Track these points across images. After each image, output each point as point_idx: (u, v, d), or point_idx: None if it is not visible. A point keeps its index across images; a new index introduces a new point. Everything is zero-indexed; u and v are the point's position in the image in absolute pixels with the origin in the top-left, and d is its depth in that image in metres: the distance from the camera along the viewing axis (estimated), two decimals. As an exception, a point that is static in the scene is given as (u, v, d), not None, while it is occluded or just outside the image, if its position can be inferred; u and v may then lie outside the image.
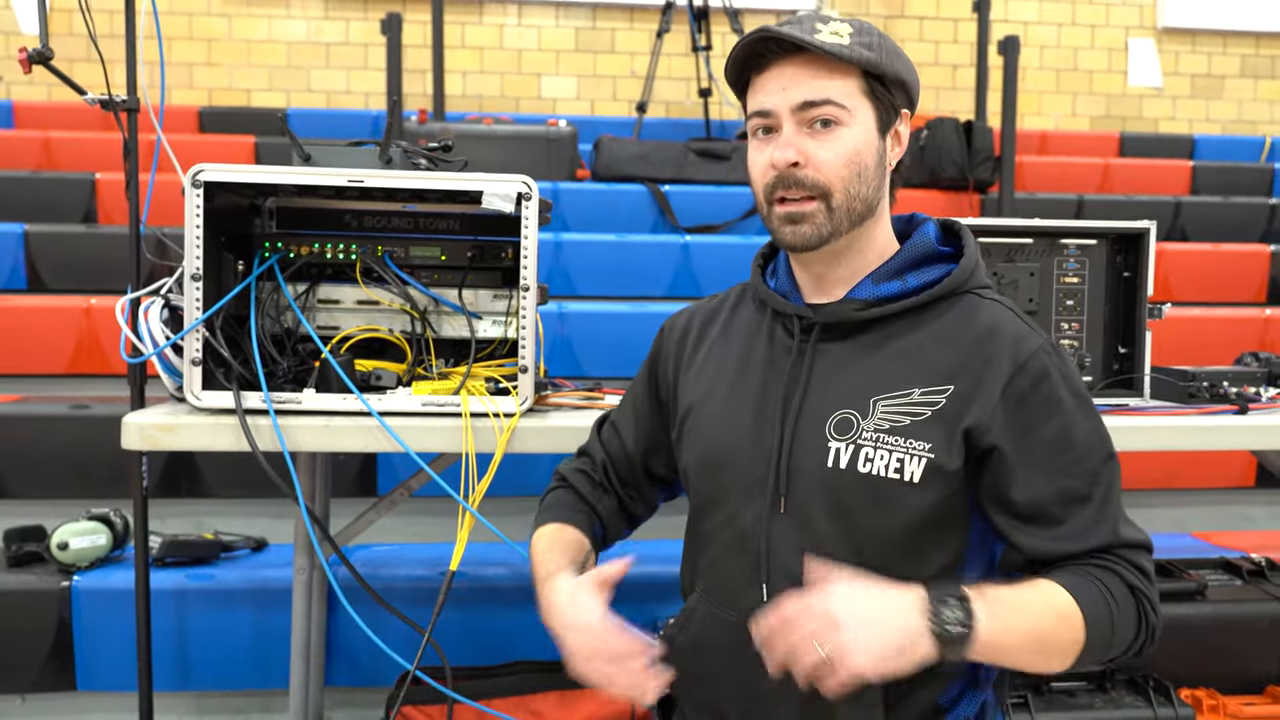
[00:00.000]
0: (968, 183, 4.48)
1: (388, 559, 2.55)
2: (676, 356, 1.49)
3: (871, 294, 1.32)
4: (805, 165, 1.27)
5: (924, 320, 1.31)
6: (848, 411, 1.28)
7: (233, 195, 1.90)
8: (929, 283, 1.32)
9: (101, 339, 3.33)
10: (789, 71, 1.28)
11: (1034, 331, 1.30)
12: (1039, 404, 1.25)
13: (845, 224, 1.30)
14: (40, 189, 4.21)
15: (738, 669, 1.33)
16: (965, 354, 1.27)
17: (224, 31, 5.85)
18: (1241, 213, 4.83)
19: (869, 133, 1.30)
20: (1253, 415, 2.01)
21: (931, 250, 1.35)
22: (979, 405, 1.25)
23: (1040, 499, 1.24)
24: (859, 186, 1.29)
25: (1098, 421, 1.29)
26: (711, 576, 1.38)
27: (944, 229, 1.41)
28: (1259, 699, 2.21)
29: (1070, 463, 1.25)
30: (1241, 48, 6.48)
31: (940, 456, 1.24)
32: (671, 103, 5.96)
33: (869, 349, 1.31)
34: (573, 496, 1.53)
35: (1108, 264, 2.09)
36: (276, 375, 1.87)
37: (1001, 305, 1.33)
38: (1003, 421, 1.24)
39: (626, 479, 1.54)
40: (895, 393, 1.27)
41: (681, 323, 1.53)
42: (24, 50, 1.92)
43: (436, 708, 2.13)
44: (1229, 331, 3.65)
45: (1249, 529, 3.33)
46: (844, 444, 1.27)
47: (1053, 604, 1.19)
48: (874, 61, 1.28)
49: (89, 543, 2.38)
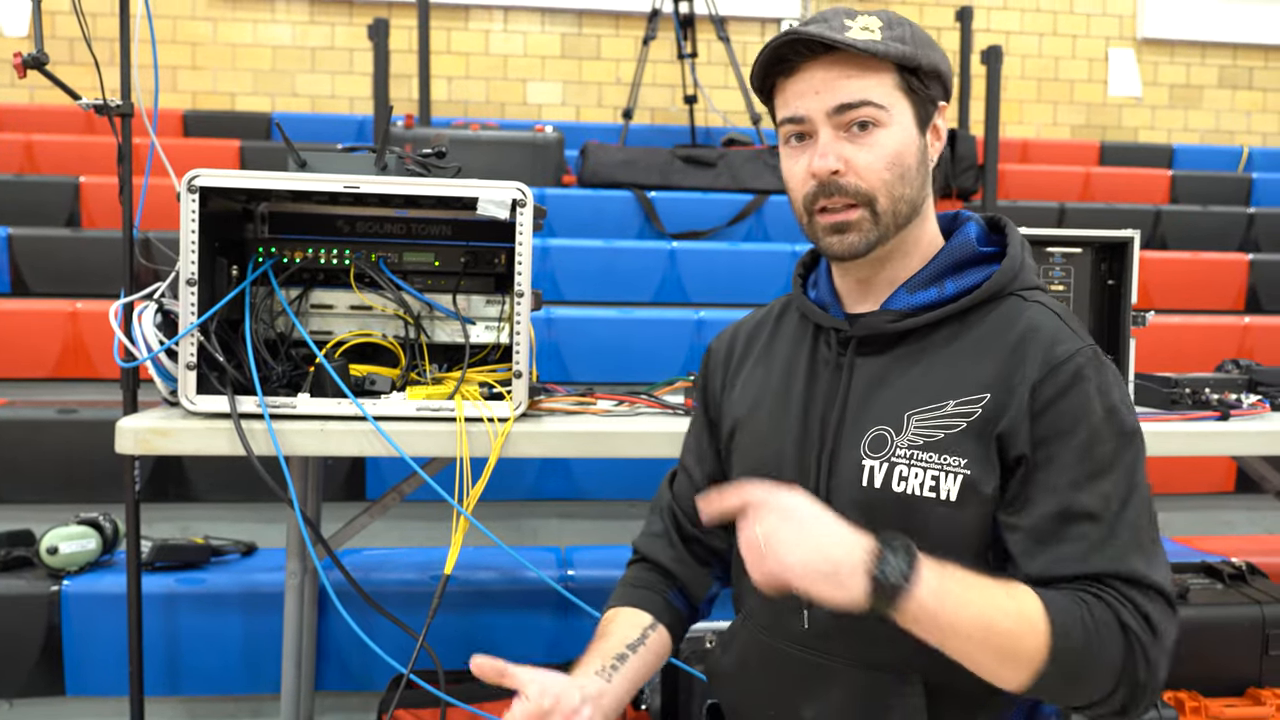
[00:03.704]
0: (951, 190, 4.53)
1: (379, 563, 2.55)
2: (722, 375, 1.43)
3: (906, 304, 1.25)
4: (846, 172, 1.20)
5: (964, 328, 1.23)
6: (882, 428, 1.21)
7: (226, 200, 1.91)
8: (968, 288, 1.25)
9: (88, 343, 3.32)
10: (820, 73, 1.20)
11: (1075, 335, 1.21)
12: (1065, 411, 1.16)
13: (892, 228, 1.23)
14: (23, 192, 4.20)
15: (774, 690, 1.30)
16: (1002, 359, 1.19)
17: (208, 35, 5.84)
18: (1220, 221, 4.90)
19: (909, 131, 1.22)
20: (1234, 421, 2.04)
21: (971, 253, 1.27)
22: (1011, 411, 1.17)
23: (1047, 514, 1.14)
24: (902, 189, 1.22)
25: (1130, 444, 1.18)
26: (754, 600, 1.33)
27: (989, 225, 1.33)
28: (1239, 701, 2.24)
29: (1085, 477, 1.14)
30: (1219, 58, 6.57)
31: (976, 472, 1.17)
32: (657, 109, 5.99)
33: (906, 361, 1.24)
34: (639, 571, 1.43)
35: (1092, 272, 2.12)
36: (270, 380, 1.87)
37: (1045, 307, 1.24)
38: (1028, 428, 1.16)
39: (698, 519, 1.38)
40: (929, 406, 1.20)
41: (725, 341, 1.46)
42: (19, 55, 1.92)
43: (429, 711, 2.13)
44: (1208, 339, 3.70)
45: (1229, 534, 3.38)
46: (878, 462, 1.20)
47: (1017, 602, 1.09)
48: (910, 55, 1.20)
49: (78, 547, 2.38)
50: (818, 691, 1.26)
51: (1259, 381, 2.24)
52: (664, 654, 1.37)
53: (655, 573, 1.42)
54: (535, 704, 1.12)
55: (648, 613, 1.37)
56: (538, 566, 2.04)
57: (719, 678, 1.40)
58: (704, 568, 1.43)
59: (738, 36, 5.55)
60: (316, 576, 2.27)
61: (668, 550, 1.43)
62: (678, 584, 1.42)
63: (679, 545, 1.43)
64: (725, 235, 4.28)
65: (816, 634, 1.26)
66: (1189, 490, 3.41)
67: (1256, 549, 3.00)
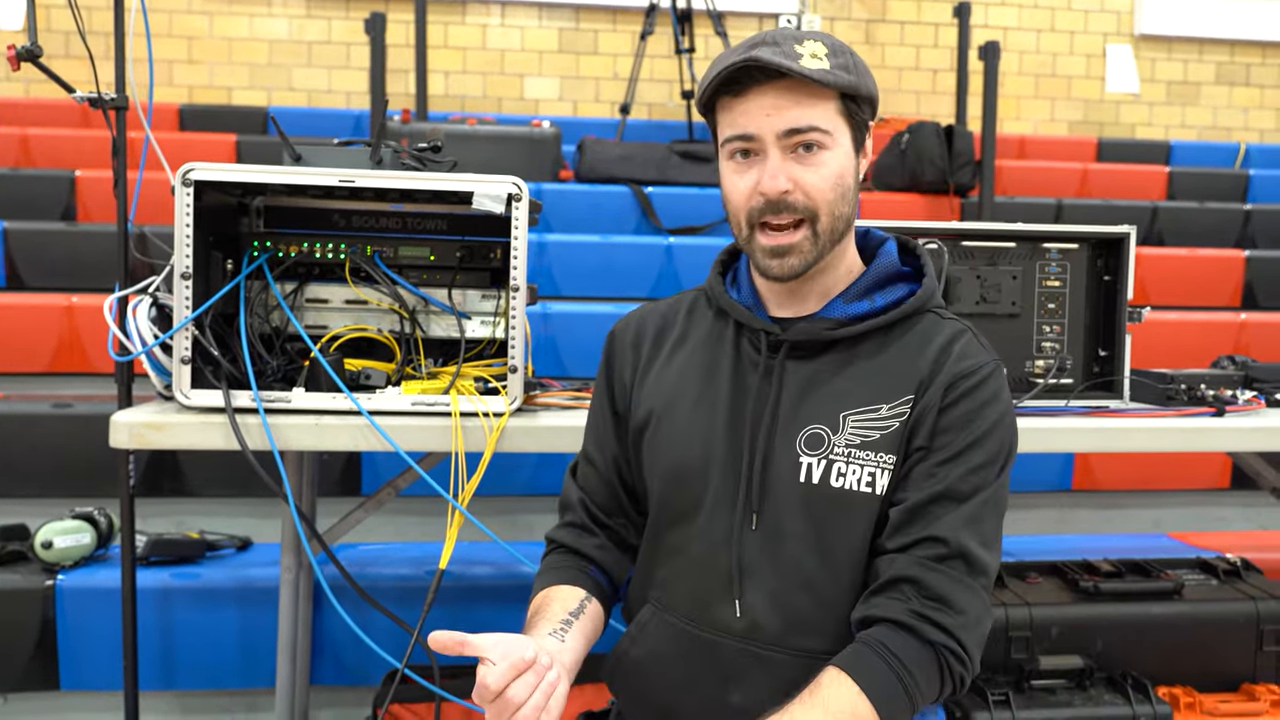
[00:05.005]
0: (948, 186, 4.52)
1: (373, 558, 2.55)
2: (633, 363, 1.47)
3: (843, 313, 1.35)
4: (794, 190, 1.29)
5: (890, 338, 1.35)
6: (818, 427, 1.31)
7: (220, 194, 1.90)
8: (894, 302, 1.36)
9: (83, 337, 3.31)
10: (772, 97, 1.28)
11: (984, 349, 1.35)
12: (964, 412, 1.29)
13: (829, 246, 1.33)
14: (19, 186, 4.18)
15: (698, 679, 1.34)
16: (926, 366, 1.31)
17: (205, 29, 5.83)
18: (1216, 218, 4.90)
19: (848, 153, 1.32)
20: (1229, 418, 2.05)
21: (895, 270, 1.39)
22: (922, 408, 1.30)
23: (925, 495, 1.27)
24: (843, 207, 1.31)
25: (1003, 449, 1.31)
26: (674, 590, 1.38)
27: (901, 247, 1.44)
28: (1234, 696, 2.24)
29: (967, 470, 1.27)
30: (1217, 55, 6.57)
31: (899, 466, 1.29)
32: (654, 104, 5.98)
33: (838, 366, 1.34)
34: (559, 556, 1.48)
35: (1088, 268, 2.12)
36: (265, 374, 1.87)
37: (960, 324, 1.38)
38: (932, 422, 1.29)
39: (611, 509, 1.49)
40: (865, 408, 1.30)
41: (633, 327, 1.50)
42: (12, 47, 1.91)
43: (424, 706, 2.13)
44: (1204, 335, 3.70)
45: (1224, 530, 3.38)
46: (816, 459, 1.30)
47: (839, 712, 1.18)
48: (853, 84, 1.29)
49: (73, 542, 2.38)
50: (747, 678, 1.31)
51: (1255, 378, 2.25)
52: (600, 626, 1.42)
53: (576, 557, 1.47)
54: (509, 663, 1.13)
55: (579, 588, 1.42)
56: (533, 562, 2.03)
57: (626, 670, 1.42)
58: (623, 554, 1.50)
59: (735, 32, 5.54)
60: (311, 571, 2.27)
61: (587, 539, 1.48)
62: (598, 566, 1.47)
63: (599, 533, 1.49)
64: (722, 230, 4.26)
65: (748, 623, 1.32)
66: (1184, 486, 3.41)
67: (1251, 545, 3.01)
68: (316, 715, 2.44)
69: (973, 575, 1.26)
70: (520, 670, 1.13)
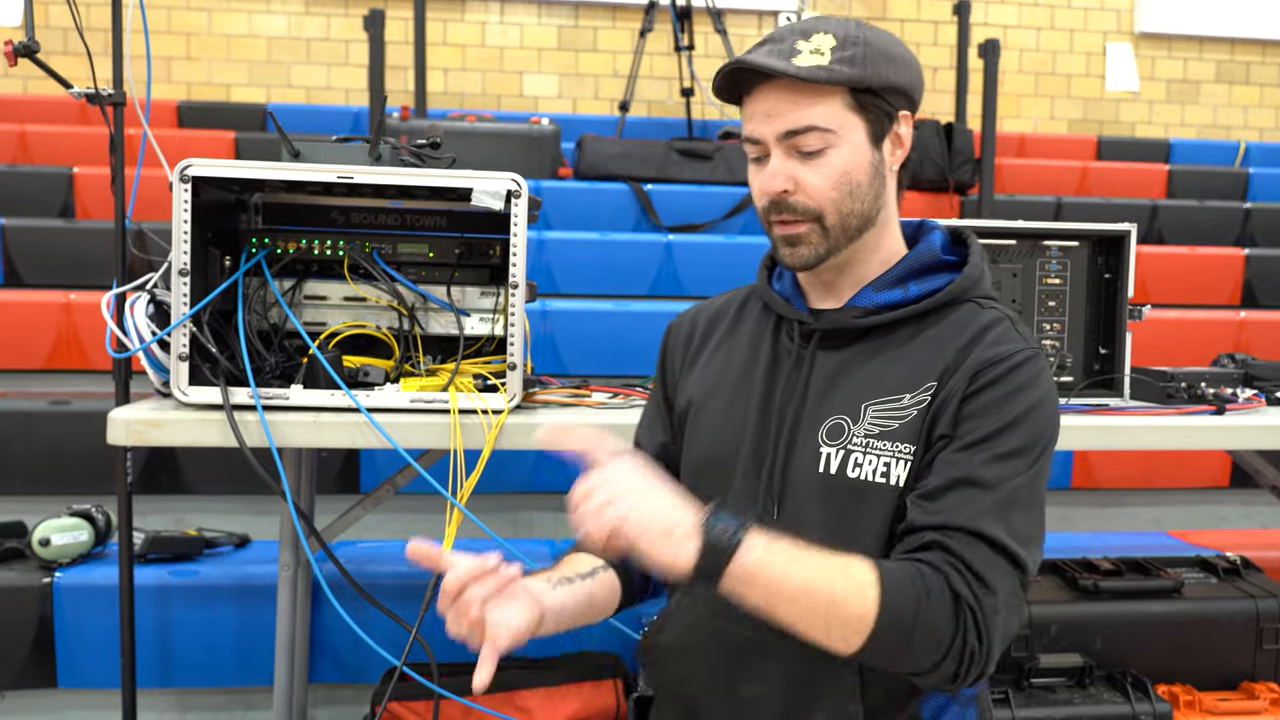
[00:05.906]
0: (948, 184, 4.51)
1: (371, 555, 2.54)
2: (682, 355, 1.48)
3: (871, 302, 1.32)
4: (795, 191, 1.27)
5: (923, 328, 1.30)
6: (840, 417, 1.28)
7: (219, 190, 1.90)
8: (930, 291, 1.31)
9: (81, 334, 3.31)
10: (771, 99, 1.26)
11: (1022, 337, 1.28)
12: (992, 398, 1.22)
13: (843, 241, 1.30)
14: (17, 183, 4.17)
15: (719, 671, 1.33)
16: (953, 354, 1.26)
17: (203, 26, 5.81)
18: (1216, 216, 4.89)
19: (859, 149, 1.28)
20: (1229, 416, 2.04)
21: (935, 259, 1.34)
22: (946, 394, 1.24)
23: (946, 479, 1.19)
24: (852, 204, 1.28)
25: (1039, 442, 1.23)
26: None
27: (952, 237, 1.40)
28: (1234, 694, 2.24)
29: (992, 458, 1.20)
30: (1217, 53, 6.56)
31: (921, 456, 1.24)
32: (654, 102, 5.97)
33: (866, 355, 1.31)
34: None
35: (1089, 266, 2.12)
36: (263, 371, 1.86)
37: (1000, 312, 1.31)
38: (955, 408, 1.22)
39: None
40: (887, 398, 1.27)
41: (687, 321, 1.51)
42: (10, 43, 1.90)
43: (422, 704, 2.13)
44: (1204, 333, 3.70)
45: (1224, 528, 3.38)
46: (835, 449, 1.27)
47: (849, 568, 1.14)
48: (857, 78, 1.24)
49: (70, 539, 2.37)
50: (758, 670, 1.30)
51: (1254, 376, 2.25)
52: (611, 598, 1.38)
53: None
54: (467, 566, 1.12)
55: (598, 559, 1.39)
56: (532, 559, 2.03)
57: (657, 658, 1.42)
58: None
59: (735, 29, 5.53)
60: (310, 569, 2.26)
61: None
62: None
63: None
64: (721, 228, 4.26)
65: None
66: (1184, 484, 3.41)
67: (1251, 543, 3.01)
68: (315, 713, 2.44)
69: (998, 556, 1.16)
70: (478, 575, 1.12)
